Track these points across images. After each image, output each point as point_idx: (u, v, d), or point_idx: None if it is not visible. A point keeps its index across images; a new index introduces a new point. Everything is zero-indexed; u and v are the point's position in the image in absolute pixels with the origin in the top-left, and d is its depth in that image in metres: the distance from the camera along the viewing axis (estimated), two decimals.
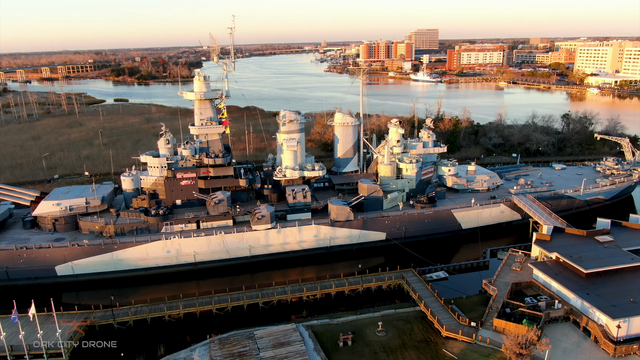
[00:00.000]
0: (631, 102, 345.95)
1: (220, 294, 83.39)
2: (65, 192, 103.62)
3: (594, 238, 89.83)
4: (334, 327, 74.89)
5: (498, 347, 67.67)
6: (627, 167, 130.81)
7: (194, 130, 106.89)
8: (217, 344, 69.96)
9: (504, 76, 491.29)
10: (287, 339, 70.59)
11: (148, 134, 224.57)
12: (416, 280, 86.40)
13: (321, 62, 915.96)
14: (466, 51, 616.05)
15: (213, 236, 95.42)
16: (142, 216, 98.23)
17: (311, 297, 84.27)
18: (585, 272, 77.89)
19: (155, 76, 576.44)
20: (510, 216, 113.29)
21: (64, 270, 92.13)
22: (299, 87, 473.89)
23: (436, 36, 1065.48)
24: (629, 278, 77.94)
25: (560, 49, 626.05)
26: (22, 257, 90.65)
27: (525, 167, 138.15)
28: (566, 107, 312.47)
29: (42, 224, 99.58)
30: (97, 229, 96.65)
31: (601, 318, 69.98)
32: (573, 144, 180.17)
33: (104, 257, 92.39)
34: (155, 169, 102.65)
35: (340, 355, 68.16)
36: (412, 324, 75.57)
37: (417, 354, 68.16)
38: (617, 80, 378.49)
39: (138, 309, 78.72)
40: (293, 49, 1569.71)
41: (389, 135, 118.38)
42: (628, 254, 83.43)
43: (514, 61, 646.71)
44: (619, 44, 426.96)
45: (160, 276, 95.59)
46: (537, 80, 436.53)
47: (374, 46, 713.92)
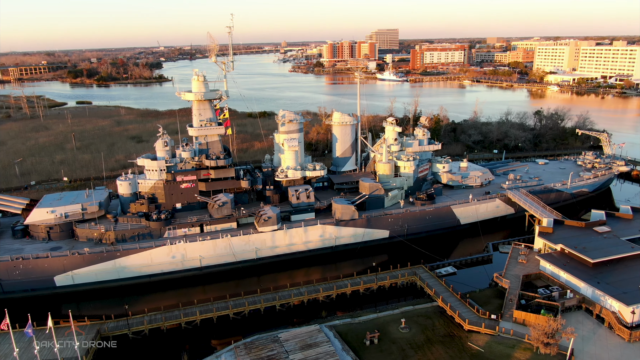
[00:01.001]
0: (588, 98, 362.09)
1: (236, 297, 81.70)
2: (57, 198, 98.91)
3: (593, 229, 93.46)
4: (357, 326, 74.76)
5: (521, 337, 69.33)
6: (607, 160, 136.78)
7: (193, 132, 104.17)
8: (242, 349, 68.49)
9: (467, 75, 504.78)
10: (314, 340, 69.89)
11: (122, 137, 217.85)
12: (428, 276, 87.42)
13: (284, 62, 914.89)
14: (429, 50, 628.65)
15: (219, 239, 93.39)
16: (142, 221, 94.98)
17: (327, 297, 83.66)
18: (592, 261, 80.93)
19: (116, 77, 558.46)
20: (505, 210, 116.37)
21: (64, 280, 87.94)
22: (267, 88, 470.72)
23: (396, 36, 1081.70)
24: (632, 266, 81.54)
25: (517, 48, 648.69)
26: (18, 268, 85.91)
27: (514, 163, 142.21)
28: (529, 104, 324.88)
29: (34, 232, 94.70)
30: (96, 236, 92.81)
31: (614, 305, 72.90)
32: (548, 139, 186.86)
33: (106, 265, 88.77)
34: (154, 172, 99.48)
35: (369, 353, 68.10)
36: (433, 319, 76.41)
37: (444, 348, 68.95)
38: (575, 78, 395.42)
39: (152, 317, 76.07)
40: (253, 49, 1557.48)
41: (385, 133, 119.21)
42: (627, 243, 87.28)
43: (474, 60, 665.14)
44: (575, 43, 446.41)
45: (165, 282, 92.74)
46: (500, 79, 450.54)
47: (337, 46, 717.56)
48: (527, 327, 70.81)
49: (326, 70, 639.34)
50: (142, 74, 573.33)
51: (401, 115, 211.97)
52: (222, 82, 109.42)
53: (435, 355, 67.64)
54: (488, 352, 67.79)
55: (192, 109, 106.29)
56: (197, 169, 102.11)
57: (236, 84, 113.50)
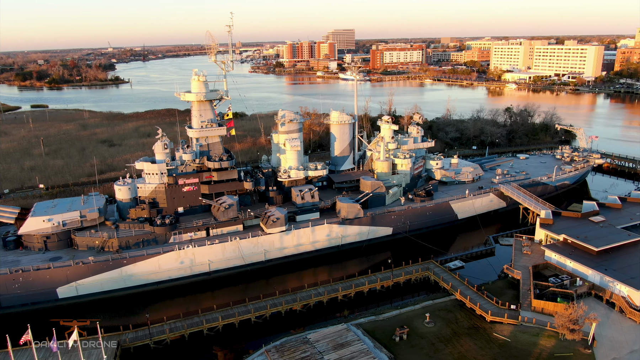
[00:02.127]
0: (544, 95, 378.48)
1: (255, 301, 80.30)
2: (51, 206, 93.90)
3: (589, 219, 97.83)
4: (382, 323, 75.13)
5: (543, 325, 71.75)
6: (584, 153, 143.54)
7: (193, 133, 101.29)
8: (274, 352, 67.38)
9: (427, 74, 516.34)
10: (345, 340, 69.68)
11: (91, 141, 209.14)
12: (441, 270, 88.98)
13: (241, 63, 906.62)
14: (387, 50, 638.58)
15: (228, 243, 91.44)
16: (146, 227, 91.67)
17: (344, 296, 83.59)
18: (597, 250, 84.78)
19: (69, 80, 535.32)
20: (498, 204, 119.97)
21: (67, 291, 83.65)
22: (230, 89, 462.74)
23: (353, 36, 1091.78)
24: (632, 252, 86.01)
25: (472, 48, 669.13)
26: (18, 281, 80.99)
27: (500, 158, 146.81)
28: (492, 101, 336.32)
29: (29, 242, 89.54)
30: (98, 244, 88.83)
31: (622, 290, 76.71)
32: (520, 135, 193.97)
33: (112, 273, 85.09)
34: (154, 175, 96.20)
35: (401, 349, 68.60)
36: (454, 312, 77.84)
37: (472, 340, 70.40)
38: (531, 76, 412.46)
39: (173, 325, 73.59)
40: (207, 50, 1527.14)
41: (380, 132, 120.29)
42: (624, 231, 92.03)
43: (432, 60, 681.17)
44: (529, 42, 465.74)
45: (173, 289, 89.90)
46: (459, 77, 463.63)
47: (297, 46, 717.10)
48: (547, 316, 73.48)
49: (287, 70, 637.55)
50: (97, 75, 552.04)
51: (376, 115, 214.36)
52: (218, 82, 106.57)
53: (465, 347, 68.96)
54: (515, 342, 69.74)
55: (192, 110, 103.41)
56: (198, 172, 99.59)
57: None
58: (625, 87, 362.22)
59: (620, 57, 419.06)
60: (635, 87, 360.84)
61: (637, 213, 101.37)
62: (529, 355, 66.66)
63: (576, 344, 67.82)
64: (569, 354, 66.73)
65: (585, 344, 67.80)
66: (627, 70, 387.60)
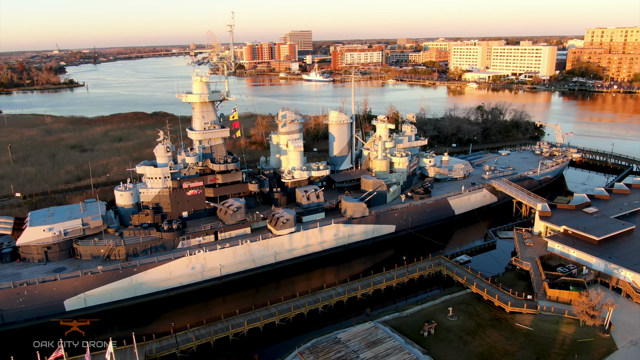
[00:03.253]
0: (504, 94, 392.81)
1: (277, 303, 79.33)
2: (48, 215, 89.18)
3: (583, 210, 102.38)
4: (406, 319, 75.90)
5: (562, 313, 74.52)
6: (563, 148, 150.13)
7: (196, 135, 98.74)
8: (308, 354, 66.78)
9: (389, 74, 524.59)
10: (376, 337, 69.96)
11: (60, 146, 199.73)
12: (452, 265, 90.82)
13: (199, 65, 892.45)
14: (348, 51, 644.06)
15: (239, 246, 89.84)
16: (152, 233, 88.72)
17: (363, 294, 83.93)
18: (598, 239, 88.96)
19: (19, 84, 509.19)
20: (490, 199, 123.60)
21: (74, 303, 79.74)
22: None
23: (310, 37, 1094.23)
24: (629, 240, 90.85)
25: (429, 49, 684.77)
26: (22, 295, 76.53)
27: (486, 155, 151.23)
28: (459, 100, 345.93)
29: (27, 254, 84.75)
30: (103, 252, 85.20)
31: (628, 276, 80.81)
32: (495, 132, 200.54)
33: (121, 282, 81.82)
34: (157, 180, 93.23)
35: (432, 344, 69.54)
36: (473, 305, 79.63)
37: (497, 331, 72.29)
38: (490, 75, 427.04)
39: (198, 333, 71.55)
40: (160, 52, 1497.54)
41: (376, 131, 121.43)
42: (618, 221, 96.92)
43: (391, 60, 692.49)
44: (487, 43, 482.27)
45: (183, 296, 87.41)
46: (421, 77, 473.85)
47: (257, 47, 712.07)
48: (563, 304, 76.42)
49: (249, 72, 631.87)
50: (50, 79, 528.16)
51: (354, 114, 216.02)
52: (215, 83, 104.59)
53: (492, 338, 70.72)
54: (537, 330, 72.12)
55: (194, 112, 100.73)
56: (201, 175, 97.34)
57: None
58: (578, 85, 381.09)
59: (571, 57, 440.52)
60: (587, 85, 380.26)
61: (625, 203, 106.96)
62: (554, 342, 69.12)
63: (595, 329, 70.92)
64: (589, 339, 69.68)
65: (602, 329, 70.96)
66: (578, 69, 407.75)
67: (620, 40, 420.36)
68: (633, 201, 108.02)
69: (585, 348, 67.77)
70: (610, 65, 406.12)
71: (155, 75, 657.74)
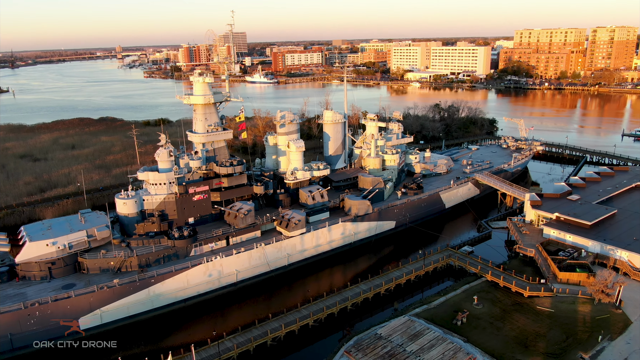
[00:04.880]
0: (445, 92, 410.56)
1: (307, 304, 78.61)
2: (45, 228, 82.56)
3: (567, 198, 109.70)
4: (435, 310, 77.93)
5: (575, 294, 79.72)
6: (529, 142, 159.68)
7: (199, 138, 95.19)
8: (356, 351, 66.85)
9: (332, 75, 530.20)
10: (415, 330, 71.30)
11: (7, 156, 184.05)
12: (463, 256, 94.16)
13: (130, 68, 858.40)
14: (289, 53, 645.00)
15: (254, 250, 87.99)
16: (163, 241, 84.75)
17: (387, 290, 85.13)
18: (590, 223, 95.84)
19: None
20: (474, 192, 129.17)
21: (90, 321, 74.57)
22: (133, 95, 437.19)
23: (245, 39, 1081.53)
24: (615, 223, 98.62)
25: (367, 50, 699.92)
26: (34, 316, 70.57)
27: (462, 150, 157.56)
28: (405, 99, 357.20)
29: (27, 272, 78.09)
30: (113, 264, 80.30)
31: (623, 256, 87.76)
32: (455, 128, 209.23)
33: (139, 295, 77.58)
34: (162, 186, 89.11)
35: (468, 332, 71.92)
36: (492, 292, 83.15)
37: (522, 315, 76.04)
38: (431, 75, 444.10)
39: (239, 340, 69.41)
40: (84, 55, 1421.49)
41: (366, 130, 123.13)
42: (600, 206, 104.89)
43: (330, 61, 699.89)
44: (426, 44, 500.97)
45: (200, 305, 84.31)
46: (365, 78, 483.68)
47: (194, 49, 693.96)
48: (574, 285, 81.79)
49: (188, 74, 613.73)
50: None
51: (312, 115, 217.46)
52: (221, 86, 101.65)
53: (520, 322, 74.33)
54: (558, 311, 76.66)
55: (196, 114, 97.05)
56: (205, 179, 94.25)
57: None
58: (513, 83, 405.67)
59: (503, 57, 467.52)
60: (521, 82, 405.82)
61: (600, 190, 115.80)
62: (576, 321, 73.84)
63: (608, 307, 76.51)
64: (606, 315, 75.07)
65: (614, 306, 76.71)
66: (511, 68, 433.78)
67: (546, 41, 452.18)
68: (606, 187, 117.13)
69: (604, 324, 72.88)
70: (538, 64, 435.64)
71: (86, 80, 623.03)
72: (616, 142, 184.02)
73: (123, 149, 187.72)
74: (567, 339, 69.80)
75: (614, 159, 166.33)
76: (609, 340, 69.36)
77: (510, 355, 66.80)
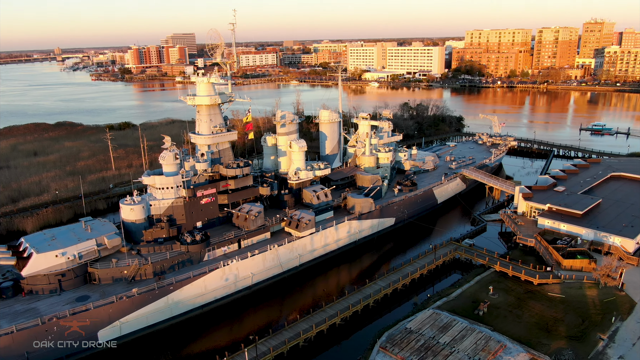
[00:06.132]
0: (403, 92, 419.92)
1: (331, 303, 78.56)
2: (49, 238, 77.98)
3: (554, 190, 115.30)
4: (455, 302, 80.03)
5: (581, 279, 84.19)
6: (504, 137, 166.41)
7: (204, 140, 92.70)
8: (391, 346, 67.63)
9: (289, 76, 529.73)
10: (443, 322, 72.95)
11: None
12: (468, 249, 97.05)
13: (74, 71, 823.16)
14: (244, 54, 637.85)
15: (268, 252, 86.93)
16: (175, 247, 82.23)
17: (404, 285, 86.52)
18: (581, 212, 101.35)
19: None
20: (461, 187, 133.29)
21: (109, 333, 71.30)
22: (85, 98, 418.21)
23: (194, 40, 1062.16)
24: (602, 211, 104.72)
25: (320, 50, 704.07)
26: (51, 332, 66.68)
27: (445, 147, 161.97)
28: (354, 99, 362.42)
29: (34, 285, 73.57)
30: (127, 273, 77.10)
31: (616, 241, 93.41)
32: (426, 126, 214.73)
33: (158, 304, 74.88)
34: (169, 190, 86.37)
35: (491, 321, 74.32)
36: (503, 282, 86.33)
37: (537, 302, 79.46)
38: (389, 74, 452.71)
39: (273, 344, 68.41)
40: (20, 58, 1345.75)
41: (359, 129, 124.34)
42: (586, 196, 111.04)
43: (284, 62, 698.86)
44: (382, 45, 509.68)
45: (217, 311, 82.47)
46: (323, 78, 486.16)
47: (144, 51, 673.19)
48: (577, 271, 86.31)
49: (139, 77, 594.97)
50: None
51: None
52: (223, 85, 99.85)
53: (537, 309, 77.67)
54: (568, 297, 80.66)
55: (200, 115, 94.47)
56: (211, 181, 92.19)
57: None
58: (467, 82, 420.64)
59: (455, 56, 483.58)
60: (475, 81, 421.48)
61: (581, 181, 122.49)
62: (586, 304, 77.97)
63: (612, 290, 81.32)
64: (612, 298, 79.76)
65: (617, 289, 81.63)
66: (464, 67, 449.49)
67: (496, 41, 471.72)
68: (586, 179, 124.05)
69: (613, 306, 77.39)
70: (489, 63, 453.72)
71: (28, 83, 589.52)
72: (575, 136, 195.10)
73: (92, 154, 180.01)
74: (584, 322, 73.60)
75: (579, 151, 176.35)
76: (621, 321, 73.77)
77: (536, 340, 69.65)
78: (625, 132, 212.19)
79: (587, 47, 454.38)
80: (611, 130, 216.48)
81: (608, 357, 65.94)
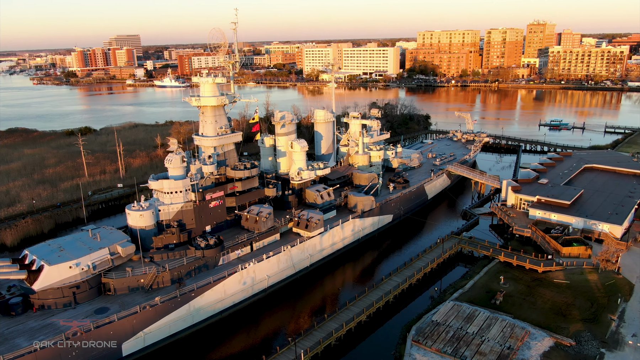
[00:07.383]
0: (361, 92, 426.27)
1: (354, 301, 78.94)
2: (57, 249, 73.67)
3: (538, 182, 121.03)
4: (470, 293, 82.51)
5: (580, 265, 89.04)
6: (478, 134, 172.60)
7: (210, 142, 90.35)
8: (423, 339, 68.95)
9: (244, 77, 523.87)
10: (466, 313, 75.13)
11: None
12: (471, 242, 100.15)
13: (10, 75, 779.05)
14: (195, 56, 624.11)
15: (282, 253, 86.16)
16: (189, 252, 79.90)
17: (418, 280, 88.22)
18: (569, 202, 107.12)
19: None
20: (447, 182, 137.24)
21: (133, 345, 68.37)
22: (31, 103, 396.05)
23: (139, 42, 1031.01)
24: (586, 201, 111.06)
25: (273, 52, 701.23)
26: (75, 349, 63.21)
27: (426, 144, 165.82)
28: (311, 99, 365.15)
29: (46, 300, 69.41)
30: (144, 282, 74.22)
31: (604, 228, 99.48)
32: (397, 125, 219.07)
33: (180, 311, 72.54)
34: (178, 194, 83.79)
35: (509, 309, 77.22)
36: (510, 272, 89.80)
37: (546, 289, 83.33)
38: (345, 75, 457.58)
39: (308, 345, 67.98)
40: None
41: (351, 128, 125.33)
42: (569, 187, 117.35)
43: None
44: (337, 45, 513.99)
45: (235, 315, 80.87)
46: (280, 80, 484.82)
47: (89, 53, 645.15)
48: (575, 258, 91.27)
49: (85, 80, 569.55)
50: None
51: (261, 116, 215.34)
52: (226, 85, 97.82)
53: (548, 295, 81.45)
54: (573, 282, 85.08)
55: (204, 117, 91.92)
56: (217, 184, 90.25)
57: None
58: (423, 82, 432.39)
59: (409, 57, 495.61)
60: (430, 80, 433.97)
61: (560, 173, 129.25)
62: (591, 288, 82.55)
63: (611, 273, 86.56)
64: (612, 281, 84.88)
65: (615, 272, 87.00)
66: (418, 67, 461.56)
67: (447, 42, 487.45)
68: (564, 171, 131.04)
69: (614, 289, 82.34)
70: (441, 63, 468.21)
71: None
72: (535, 132, 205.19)
73: (59, 161, 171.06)
74: (593, 305, 77.92)
75: (545, 146, 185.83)
76: (625, 302, 78.73)
77: (555, 325, 73.07)
78: (581, 127, 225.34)
79: (531, 47, 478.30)
80: (568, 125, 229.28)
81: (623, 336, 70.16)
